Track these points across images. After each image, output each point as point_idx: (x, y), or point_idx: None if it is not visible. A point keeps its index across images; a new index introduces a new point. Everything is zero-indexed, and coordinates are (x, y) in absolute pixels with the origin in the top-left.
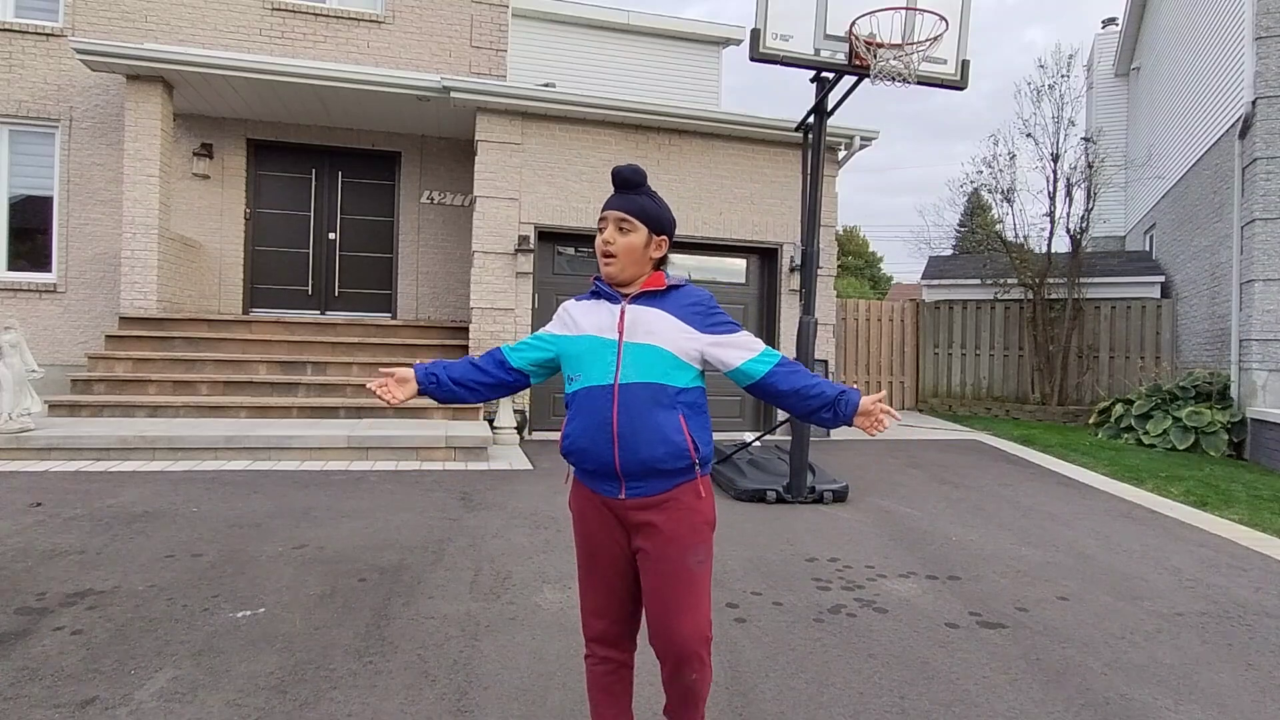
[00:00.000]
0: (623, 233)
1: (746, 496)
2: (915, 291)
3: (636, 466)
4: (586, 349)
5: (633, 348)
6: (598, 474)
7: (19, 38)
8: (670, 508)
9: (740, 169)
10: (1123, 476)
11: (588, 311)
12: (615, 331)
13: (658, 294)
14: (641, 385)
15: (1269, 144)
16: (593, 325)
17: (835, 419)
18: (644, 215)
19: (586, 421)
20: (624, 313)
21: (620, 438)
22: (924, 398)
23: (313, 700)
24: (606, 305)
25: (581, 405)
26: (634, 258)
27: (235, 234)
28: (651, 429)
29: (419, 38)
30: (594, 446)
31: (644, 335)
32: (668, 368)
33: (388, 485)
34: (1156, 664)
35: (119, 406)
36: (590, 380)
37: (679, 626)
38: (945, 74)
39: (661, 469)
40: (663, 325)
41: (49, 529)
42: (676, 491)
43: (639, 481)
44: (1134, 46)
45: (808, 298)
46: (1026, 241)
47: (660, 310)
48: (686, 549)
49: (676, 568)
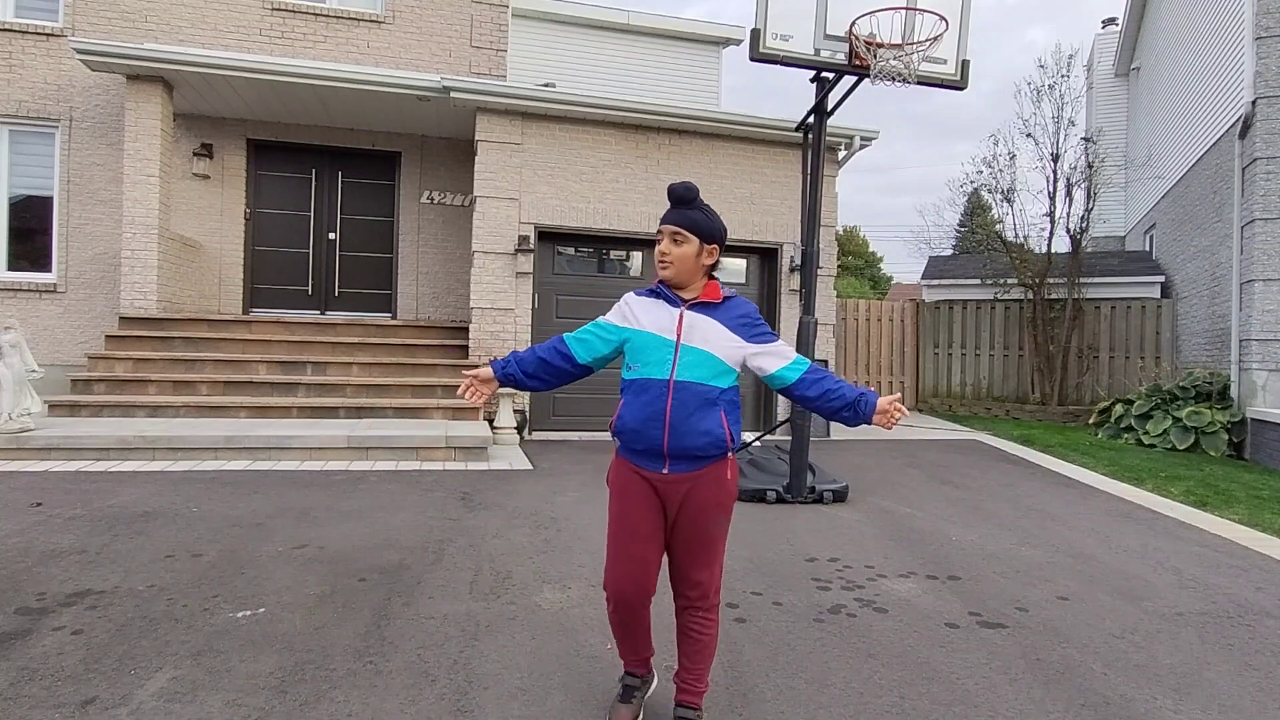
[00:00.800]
0: (676, 244)
1: (746, 496)
2: (915, 291)
3: (681, 451)
4: (646, 344)
5: (688, 350)
6: (645, 453)
7: (19, 38)
8: (703, 481)
9: (740, 169)
10: (1123, 476)
11: (648, 309)
12: (674, 333)
13: (713, 305)
14: (693, 384)
15: (1269, 144)
16: (653, 323)
17: (855, 418)
18: (695, 228)
19: (641, 407)
20: (682, 317)
21: (671, 426)
22: (924, 398)
23: (313, 700)
24: (666, 307)
25: (638, 392)
26: (687, 265)
27: (235, 234)
28: (698, 421)
29: (419, 38)
30: (646, 430)
31: (699, 341)
32: (716, 371)
33: (388, 485)
34: (1156, 664)
35: (119, 406)
36: (648, 373)
37: (699, 575)
38: (945, 74)
39: (702, 455)
40: (715, 334)
41: (49, 529)
42: (710, 469)
43: (681, 462)
44: (1134, 46)
45: (808, 298)
46: (1026, 241)
47: (714, 320)
48: (712, 515)
49: (703, 529)
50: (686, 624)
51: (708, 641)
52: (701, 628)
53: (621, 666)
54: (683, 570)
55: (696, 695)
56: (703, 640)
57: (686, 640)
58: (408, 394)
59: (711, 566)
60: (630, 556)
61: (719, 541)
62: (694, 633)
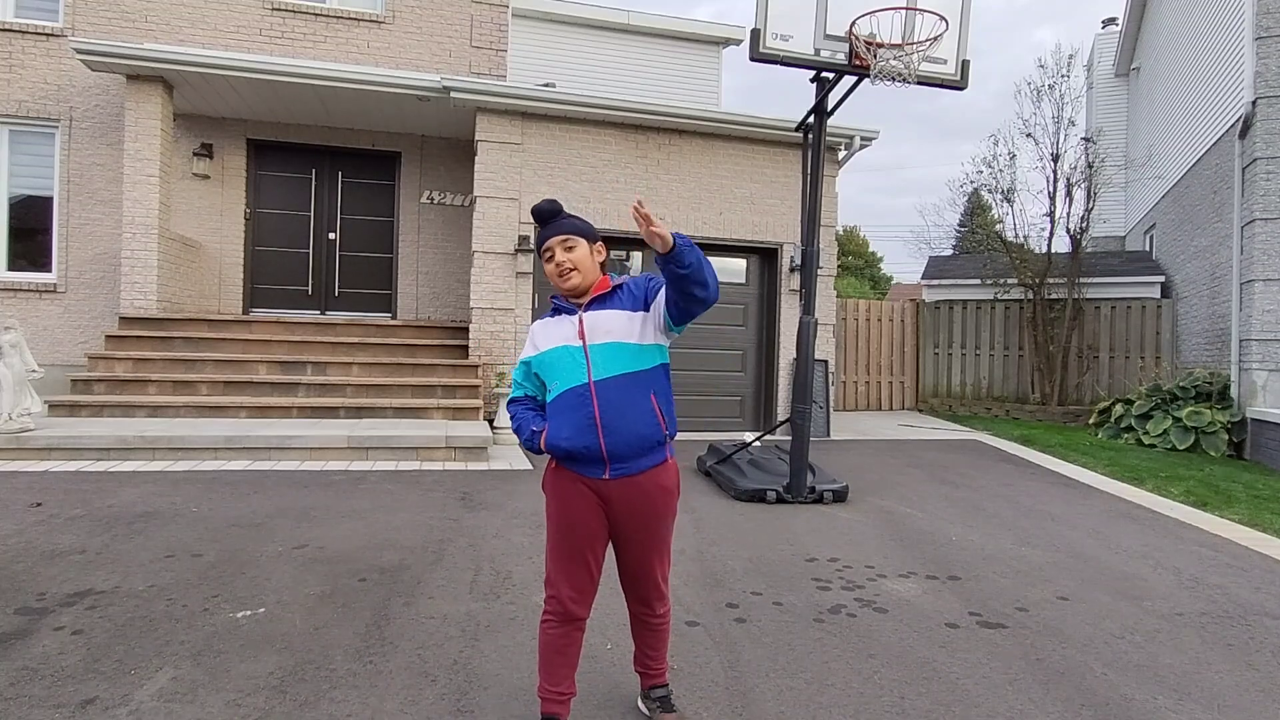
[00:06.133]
0: (570, 250)
1: (746, 496)
2: (915, 291)
3: (622, 449)
4: (556, 359)
5: (596, 348)
6: (584, 460)
7: (19, 38)
8: (646, 481)
9: (740, 169)
10: (1123, 476)
11: (550, 329)
12: (578, 339)
13: (606, 296)
14: (612, 379)
15: (1269, 144)
16: (558, 338)
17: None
18: (577, 231)
19: (570, 419)
20: (582, 320)
21: (604, 427)
22: (924, 398)
23: (313, 700)
24: (566, 318)
25: (561, 406)
26: (587, 265)
27: (235, 234)
28: (630, 414)
29: (419, 38)
30: (580, 438)
31: (603, 335)
32: (630, 357)
33: (388, 485)
34: (1156, 664)
35: (119, 406)
36: (566, 384)
37: (654, 571)
38: (945, 74)
39: (642, 448)
40: (616, 323)
41: (49, 529)
42: (652, 470)
43: (622, 463)
44: (1134, 46)
45: (808, 298)
46: (1026, 241)
47: (611, 310)
48: (659, 511)
49: (653, 527)
50: (644, 616)
51: (667, 627)
52: (661, 618)
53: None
54: (635, 569)
55: (664, 674)
56: (663, 628)
57: (647, 631)
58: (408, 394)
59: (663, 559)
60: (574, 563)
61: (669, 534)
62: (654, 623)
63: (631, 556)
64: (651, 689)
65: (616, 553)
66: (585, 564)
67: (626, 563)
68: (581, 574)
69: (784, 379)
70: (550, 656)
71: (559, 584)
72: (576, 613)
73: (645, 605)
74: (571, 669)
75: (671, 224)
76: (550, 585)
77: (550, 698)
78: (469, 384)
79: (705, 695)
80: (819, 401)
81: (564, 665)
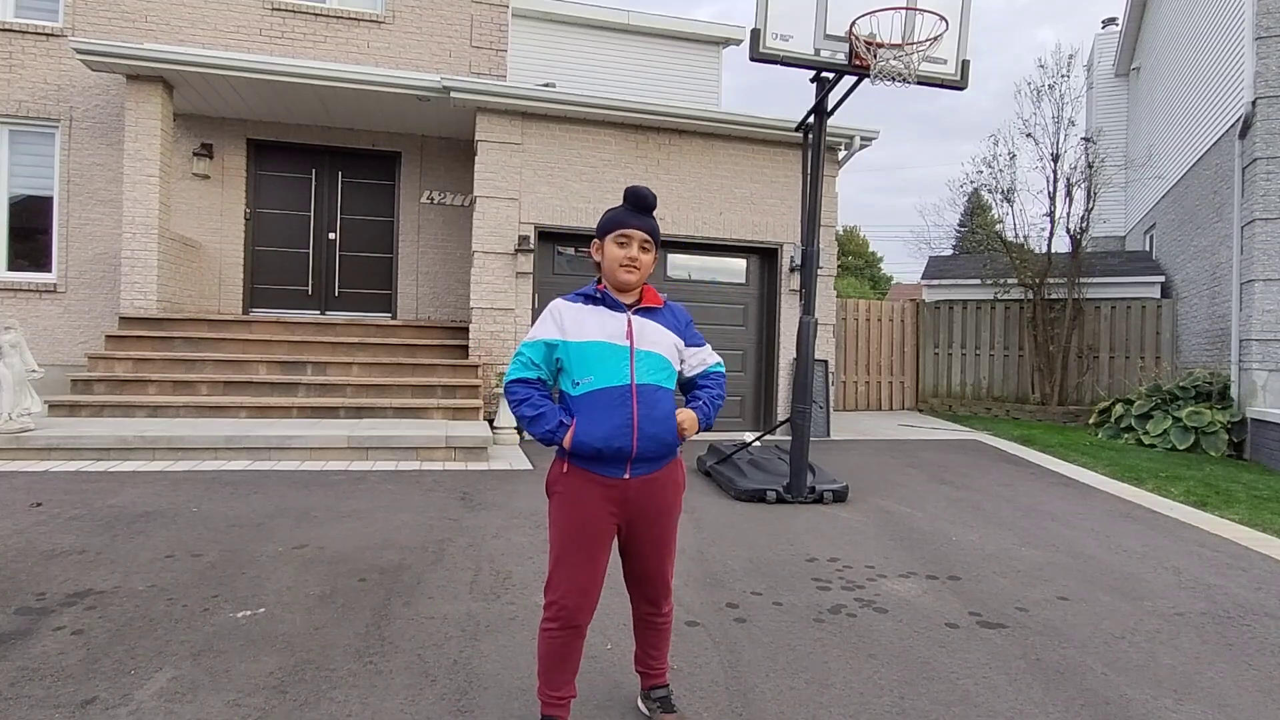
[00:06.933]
0: (645, 252)
1: (746, 496)
2: (915, 291)
3: (650, 451)
4: (598, 353)
5: (642, 354)
6: (611, 461)
7: (19, 38)
8: (661, 480)
9: (740, 169)
10: (1123, 476)
11: (587, 317)
12: (626, 339)
13: (656, 310)
14: (652, 386)
15: (1269, 144)
16: (597, 331)
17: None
18: (657, 238)
19: (607, 418)
20: (631, 322)
21: (640, 430)
22: (924, 398)
23: (313, 700)
24: (609, 313)
25: (595, 403)
26: (646, 273)
27: (235, 234)
28: (661, 420)
29: (419, 38)
30: (617, 439)
31: (649, 344)
32: (668, 373)
33: (388, 485)
34: (1156, 664)
35: (119, 406)
36: (605, 382)
37: (662, 572)
38: (945, 74)
39: (664, 452)
40: (661, 337)
41: (49, 529)
42: (666, 467)
43: (645, 463)
44: (1134, 46)
45: (808, 298)
46: (1026, 241)
47: (658, 324)
48: (671, 512)
49: (664, 527)
50: (650, 617)
51: (669, 627)
52: (665, 617)
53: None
54: (646, 568)
55: (664, 674)
56: (666, 627)
57: (651, 631)
58: (408, 394)
59: (670, 561)
60: (583, 566)
61: (676, 531)
62: (659, 623)
63: (642, 556)
64: (652, 689)
65: (625, 554)
66: (594, 567)
67: (636, 563)
68: (589, 577)
69: (784, 379)
70: (551, 663)
71: (564, 589)
72: (579, 619)
73: (652, 605)
74: (573, 674)
75: (671, 224)
76: (552, 590)
77: (551, 701)
78: (469, 384)
79: (705, 695)
80: (819, 401)
81: (565, 671)
